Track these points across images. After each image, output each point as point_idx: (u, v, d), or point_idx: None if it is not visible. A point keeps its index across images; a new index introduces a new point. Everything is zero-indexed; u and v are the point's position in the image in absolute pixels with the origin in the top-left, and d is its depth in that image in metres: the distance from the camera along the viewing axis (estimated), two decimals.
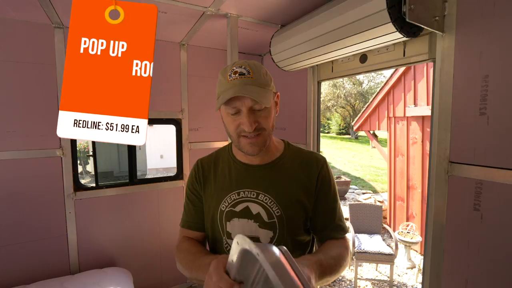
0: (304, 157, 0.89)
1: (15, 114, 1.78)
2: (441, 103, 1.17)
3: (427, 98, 4.03)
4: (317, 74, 1.96)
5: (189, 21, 1.81)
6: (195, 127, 2.43)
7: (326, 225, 0.86)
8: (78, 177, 2.01)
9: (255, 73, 0.75)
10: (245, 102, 0.73)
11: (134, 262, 2.23)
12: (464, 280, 1.11)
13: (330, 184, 0.87)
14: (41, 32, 1.81)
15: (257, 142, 0.77)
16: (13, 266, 1.81)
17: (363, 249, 3.07)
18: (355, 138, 21.54)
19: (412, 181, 4.39)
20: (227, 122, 0.80)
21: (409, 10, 1.00)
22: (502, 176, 0.98)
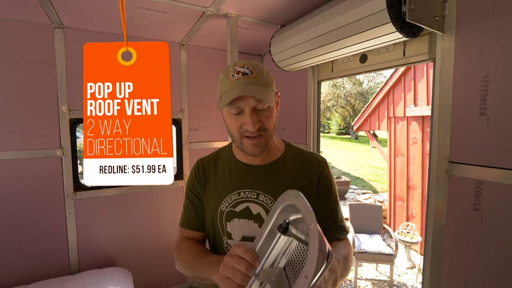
0: (305, 157, 0.89)
1: (15, 114, 1.78)
2: (441, 103, 1.17)
3: (427, 98, 4.03)
4: (317, 74, 1.96)
5: (189, 21, 1.81)
6: (195, 127, 2.43)
7: (329, 226, 0.85)
8: (78, 177, 2.01)
9: (258, 73, 0.76)
10: (249, 102, 0.74)
11: (134, 262, 2.23)
12: (464, 280, 1.11)
13: (331, 186, 0.87)
14: (41, 32, 1.81)
15: (259, 142, 0.77)
16: (13, 266, 1.81)
17: (363, 249, 3.07)
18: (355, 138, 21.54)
19: (412, 181, 4.39)
20: (230, 122, 0.80)
21: (409, 10, 1.00)
22: (502, 176, 0.98)
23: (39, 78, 1.83)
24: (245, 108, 0.74)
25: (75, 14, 1.69)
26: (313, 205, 0.83)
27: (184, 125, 2.37)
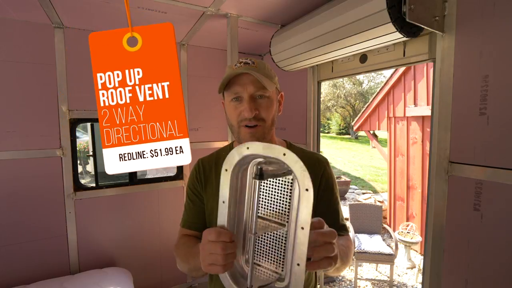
0: (307, 157, 0.89)
1: (15, 114, 1.78)
2: (441, 103, 1.17)
3: (427, 98, 4.03)
4: (317, 74, 1.96)
5: (189, 21, 1.81)
6: (195, 127, 2.43)
7: (330, 225, 0.85)
8: (78, 177, 2.01)
9: (259, 64, 0.80)
10: (247, 88, 0.76)
11: (134, 262, 2.23)
12: (464, 280, 1.11)
13: (333, 185, 0.88)
14: (41, 32, 1.81)
15: (256, 132, 0.79)
16: (13, 266, 1.81)
17: (363, 249, 3.07)
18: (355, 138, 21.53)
19: (412, 181, 4.39)
20: (229, 111, 0.82)
21: (409, 10, 1.00)
22: (502, 176, 0.98)
23: (39, 78, 1.83)
24: (243, 95, 0.77)
25: (75, 14, 1.69)
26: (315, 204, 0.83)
27: None
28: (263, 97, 0.79)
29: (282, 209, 0.52)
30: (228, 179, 0.53)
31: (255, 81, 0.77)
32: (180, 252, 0.84)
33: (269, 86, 0.77)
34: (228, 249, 0.53)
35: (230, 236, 0.53)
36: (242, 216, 0.56)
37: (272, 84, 0.79)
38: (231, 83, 0.79)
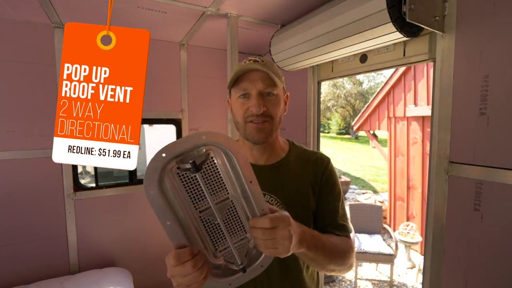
0: (309, 157, 0.89)
1: (15, 114, 1.78)
2: (441, 103, 1.16)
3: (427, 98, 4.03)
4: (317, 74, 1.96)
5: (189, 21, 1.81)
6: (195, 127, 2.43)
7: (328, 223, 0.85)
8: (78, 177, 2.01)
9: (268, 62, 0.80)
10: (256, 85, 0.75)
11: (134, 262, 2.23)
12: (464, 280, 1.11)
13: (335, 184, 0.87)
14: (41, 32, 1.81)
15: (264, 128, 0.77)
16: (13, 266, 1.81)
17: (363, 249, 3.07)
18: (355, 138, 21.53)
19: (412, 181, 4.39)
20: (236, 107, 0.80)
21: (409, 10, 1.00)
22: (502, 176, 0.98)
23: (39, 78, 1.82)
24: (251, 91, 0.76)
25: (75, 14, 1.69)
26: (316, 203, 0.83)
27: (184, 125, 2.37)
28: (271, 95, 0.78)
29: (219, 185, 0.54)
30: (159, 200, 0.52)
31: (264, 78, 0.76)
32: None
33: (278, 83, 0.77)
34: (198, 263, 0.52)
35: (190, 253, 0.52)
36: (186, 219, 0.55)
37: (279, 83, 0.79)
38: (239, 79, 0.78)
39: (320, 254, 0.69)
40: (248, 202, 0.55)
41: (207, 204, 0.54)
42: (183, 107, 2.35)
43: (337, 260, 0.75)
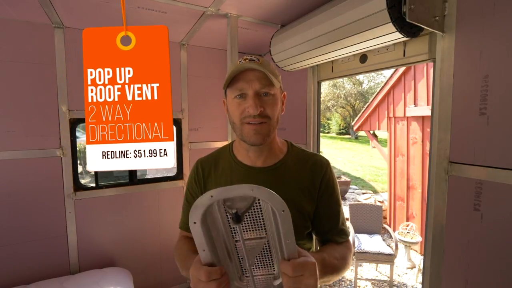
0: (308, 159, 0.87)
1: (15, 114, 1.78)
2: (441, 103, 1.16)
3: (427, 98, 4.03)
4: (317, 74, 1.96)
5: (189, 21, 1.81)
6: (195, 127, 2.43)
7: (329, 229, 0.85)
8: (78, 177, 2.01)
9: (264, 61, 0.77)
10: (252, 85, 0.73)
11: (134, 262, 2.23)
12: (464, 280, 1.11)
13: (334, 188, 0.86)
14: (41, 32, 1.81)
15: (261, 129, 0.75)
16: (13, 266, 1.81)
17: (363, 249, 3.07)
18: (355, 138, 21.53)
19: (412, 181, 4.39)
20: (232, 108, 0.78)
21: (409, 10, 1.00)
22: (502, 176, 0.98)
23: (39, 78, 1.83)
24: (248, 92, 0.74)
25: (75, 14, 1.69)
26: (314, 207, 0.83)
27: (184, 125, 2.37)
28: (268, 95, 0.75)
29: (259, 226, 0.55)
30: (199, 230, 0.53)
31: (260, 78, 0.74)
32: (177, 257, 0.85)
33: (275, 83, 0.76)
34: (222, 283, 0.54)
35: (220, 272, 0.54)
36: (221, 242, 0.57)
37: (276, 83, 0.77)
38: (235, 79, 0.75)
39: (331, 277, 0.72)
40: (280, 246, 0.56)
41: (244, 237, 0.56)
42: (183, 107, 2.35)
43: (342, 272, 0.77)
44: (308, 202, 0.82)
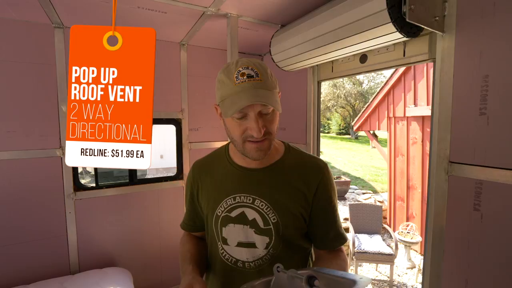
0: (305, 162, 0.86)
1: (15, 114, 1.78)
2: (441, 103, 1.16)
3: (427, 98, 4.03)
4: (317, 74, 1.96)
5: (189, 21, 1.81)
6: (195, 127, 2.43)
7: (326, 234, 0.84)
8: (78, 177, 2.01)
9: (263, 75, 0.71)
10: (254, 107, 0.69)
11: (134, 262, 2.23)
12: (464, 280, 1.11)
13: (331, 192, 0.85)
14: (41, 32, 1.81)
15: (263, 146, 0.74)
16: (13, 266, 1.81)
17: (363, 249, 3.07)
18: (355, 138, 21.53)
19: (412, 181, 4.39)
20: (232, 127, 0.75)
21: (409, 10, 1.00)
22: (502, 176, 0.98)
23: (39, 78, 1.82)
24: (249, 113, 0.70)
25: (75, 14, 1.69)
26: (309, 210, 0.83)
27: (184, 125, 2.37)
28: (268, 113, 0.73)
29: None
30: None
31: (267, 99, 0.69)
32: (179, 256, 0.89)
33: (277, 104, 0.72)
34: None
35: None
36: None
37: (277, 98, 0.73)
38: (234, 99, 0.69)
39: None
40: None
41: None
42: (183, 107, 2.35)
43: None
44: (301, 204, 0.81)
